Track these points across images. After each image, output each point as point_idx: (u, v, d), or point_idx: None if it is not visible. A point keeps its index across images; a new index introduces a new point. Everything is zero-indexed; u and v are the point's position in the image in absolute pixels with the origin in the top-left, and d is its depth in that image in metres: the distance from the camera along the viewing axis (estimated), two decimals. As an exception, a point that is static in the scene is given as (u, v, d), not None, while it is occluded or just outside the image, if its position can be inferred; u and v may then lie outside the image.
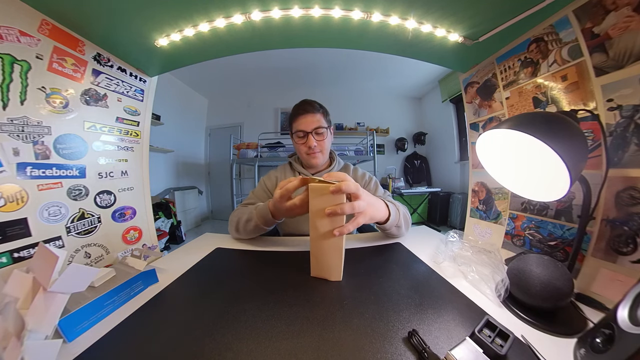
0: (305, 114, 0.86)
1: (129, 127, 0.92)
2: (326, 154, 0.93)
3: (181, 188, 3.88)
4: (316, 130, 0.86)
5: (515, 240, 0.84)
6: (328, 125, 0.90)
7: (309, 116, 0.86)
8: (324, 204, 0.50)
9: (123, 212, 0.89)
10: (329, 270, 0.56)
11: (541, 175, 0.52)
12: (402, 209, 0.78)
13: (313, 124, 0.85)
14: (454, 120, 3.88)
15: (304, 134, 0.86)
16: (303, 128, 0.86)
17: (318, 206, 0.51)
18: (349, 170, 1.00)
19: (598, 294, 0.52)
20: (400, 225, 0.75)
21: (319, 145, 0.87)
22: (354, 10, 0.70)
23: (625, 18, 0.52)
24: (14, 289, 0.37)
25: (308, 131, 0.85)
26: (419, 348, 0.34)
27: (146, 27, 0.73)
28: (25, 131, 0.62)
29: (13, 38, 0.59)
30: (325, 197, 0.50)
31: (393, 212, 0.70)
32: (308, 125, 0.85)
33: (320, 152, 0.89)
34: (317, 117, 0.86)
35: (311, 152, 0.88)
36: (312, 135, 0.85)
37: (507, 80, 0.85)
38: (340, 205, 0.49)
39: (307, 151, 0.88)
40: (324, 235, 0.52)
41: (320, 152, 0.89)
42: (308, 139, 0.86)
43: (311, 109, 0.86)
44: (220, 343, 0.37)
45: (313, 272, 0.58)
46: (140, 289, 0.53)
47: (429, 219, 3.95)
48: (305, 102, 0.89)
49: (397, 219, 0.72)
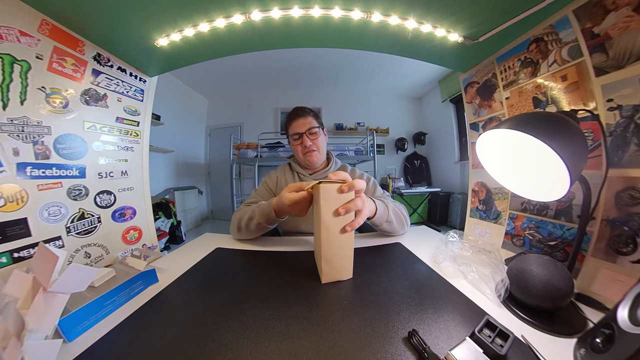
0: (297, 118, 0.93)
1: (129, 127, 0.93)
2: (322, 152, 0.98)
3: (181, 188, 3.88)
4: (309, 131, 0.92)
5: (515, 240, 0.84)
6: (320, 126, 0.95)
7: (300, 119, 0.93)
8: (334, 204, 0.52)
9: (123, 212, 0.89)
10: (342, 270, 0.56)
11: (541, 175, 0.52)
12: (393, 205, 0.80)
13: (305, 126, 0.92)
14: (454, 120, 3.88)
15: (299, 136, 0.92)
16: (297, 130, 0.92)
17: (330, 207, 0.52)
18: (346, 170, 1.01)
19: (598, 294, 0.52)
20: (391, 220, 0.76)
21: (314, 144, 0.93)
22: (354, 10, 0.70)
23: (625, 18, 0.52)
24: (14, 289, 0.37)
25: (302, 132, 0.91)
26: (419, 348, 0.34)
27: (146, 27, 0.73)
28: (25, 131, 0.62)
29: (13, 38, 0.59)
30: (335, 197, 0.52)
31: (380, 206, 0.72)
32: (301, 127, 0.92)
33: (316, 151, 0.94)
34: (308, 120, 0.93)
35: (307, 151, 0.93)
36: (306, 136, 0.92)
37: (507, 80, 0.85)
38: (353, 201, 0.52)
39: (304, 151, 0.93)
40: (336, 234, 0.53)
41: (316, 151, 0.94)
42: (303, 139, 0.92)
43: (302, 113, 0.94)
44: (221, 343, 0.37)
45: (325, 279, 0.55)
46: (140, 289, 0.53)
47: (429, 219, 3.95)
48: (297, 108, 0.96)
49: (385, 214, 0.75)
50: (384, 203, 0.77)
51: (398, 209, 0.82)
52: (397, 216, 0.79)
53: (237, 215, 0.84)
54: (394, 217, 0.77)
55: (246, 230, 0.80)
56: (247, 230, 0.80)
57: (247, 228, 0.79)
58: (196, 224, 4.13)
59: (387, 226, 0.77)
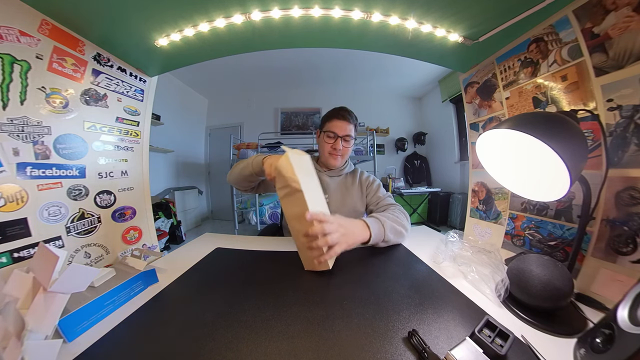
0: (342, 120, 0.93)
1: (129, 127, 0.93)
2: (345, 159, 1.01)
3: (181, 188, 3.87)
4: (345, 137, 0.93)
5: (515, 240, 0.84)
6: (355, 137, 0.98)
7: (344, 123, 0.93)
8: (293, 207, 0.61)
9: (123, 212, 0.89)
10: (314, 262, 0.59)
11: (541, 175, 0.52)
12: (391, 223, 0.75)
13: (346, 131, 0.93)
14: (454, 120, 3.87)
15: (335, 136, 0.93)
16: (336, 131, 0.93)
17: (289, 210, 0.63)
18: (356, 173, 1.04)
19: (598, 294, 0.52)
20: (389, 239, 0.73)
21: (343, 150, 0.95)
22: (354, 10, 0.70)
23: (625, 18, 0.52)
24: (14, 289, 0.37)
25: (339, 135, 0.92)
26: (419, 348, 0.34)
27: (146, 27, 0.73)
28: (25, 131, 0.62)
29: (13, 38, 0.59)
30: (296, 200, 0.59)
31: (375, 231, 0.69)
32: (341, 130, 0.93)
33: (340, 156, 0.96)
34: (350, 127, 0.94)
35: (334, 153, 0.95)
36: (341, 140, 0.93)
37: (507, 80, 0.85)
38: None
39: (331, 151, 0.95)
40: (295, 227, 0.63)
41: (340, 156, 0.96)
42: (336, 141, 0.93)
43: (349, 117, 0.94)
44: (221, 343, 0.37)
45: (306, 267, 0.62)
46: (140, 289, 0.53)
47: (429, 219, 3.94)
48: (345, 110, 0.96)
49: (381, 235, 0.71)
50: (381, 222, 0.73)
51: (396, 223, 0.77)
52: (395, 232, 0.76)
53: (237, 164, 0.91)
54: (392, 236, 0.74)
55: (239, 174, 0.87)
56: (241, 175, 0.87)
57: (241, 173, 0.87)
58: (196, 224, 4.13)
59: (384, 244, 0.75)
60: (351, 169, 1.06)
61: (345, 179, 1.02)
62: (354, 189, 0.99)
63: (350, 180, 1.01)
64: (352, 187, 1.00)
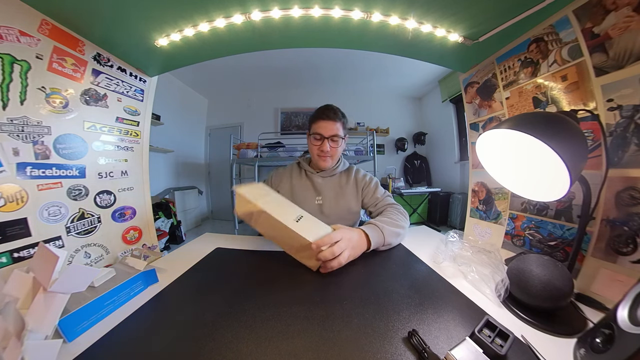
0: (326, 120, 0.90)
1: (129, 127, 0.92)
2: (335, 159, 0.97)
3: (181, 188, 3.87)
4: (332, 138, 0.90)
5: (515, 240, 0.84)
6: (344, 136, 0.94)
7: (329, 123, 0.89)
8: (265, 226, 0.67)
9: (123, 212, 0.89)
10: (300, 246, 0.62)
11: (541, 175, 0.52)
12: (390, 228, 0.74)
13: (331, 131, 0.89)
14: (454, 120, 3.87)
15: (321, 138, 0.90)
16: (321, 132, 0.89)
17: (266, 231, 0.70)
18: (351, 171, 1.02)
19: (598, 294, 0.52)
20: (390, 243, 0.74)
21: (332, 151, 0.92)
22: (354, 10, 0.70)
23: (625, 18, 0.52)
24: (14, 289, 0.37)
25: (325, 136, 0.89)
26: (419, 348, 0.34)
27: (146, 27, 0.73)
28: (25, 131, 0.62)
29: (13, 38, 0.59)
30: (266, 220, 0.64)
31: (374, 240, 0.69)
32: (326, 131, 0.89)
33: (330, 157, 0.93)
34: (336, 126, 0.90)
35: (322, 155, 0.92)
36: (328, 141, 0.89)
37: (507, 80, 0.85)
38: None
39: (319, 153, 0.92)
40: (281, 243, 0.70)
41: (330, 157, 0.93)
42: (323, 143, 0.90)
43: (334, 116, 0.90)
44: (221, 343, 0.37)
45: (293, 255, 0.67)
46: (140, 289, 0.53)
47: (429, 219, 3.94)
48: (329, 109, 0.92)
49: (381, 242, 0.71)
50: (379, 229, 0.72)
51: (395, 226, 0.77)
52: (395, 235, 0.76)
53: None
54: (392, 239, 0.74)
55: None
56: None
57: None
58: (196, 224, 4.13)
59: (385, 249, 0.75)
60: (345, 167, 1.03)
61: (339, 178, 1.00)
62: (348, 188, 0.97)
63: (345, 179, 0.99)
64: (346, 186, 0.98)
